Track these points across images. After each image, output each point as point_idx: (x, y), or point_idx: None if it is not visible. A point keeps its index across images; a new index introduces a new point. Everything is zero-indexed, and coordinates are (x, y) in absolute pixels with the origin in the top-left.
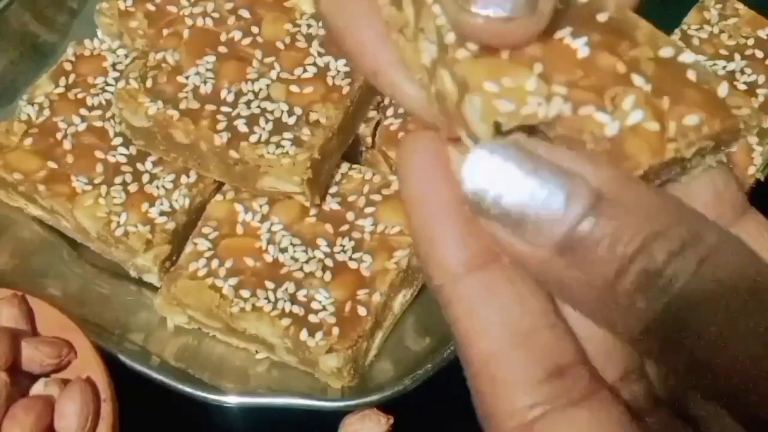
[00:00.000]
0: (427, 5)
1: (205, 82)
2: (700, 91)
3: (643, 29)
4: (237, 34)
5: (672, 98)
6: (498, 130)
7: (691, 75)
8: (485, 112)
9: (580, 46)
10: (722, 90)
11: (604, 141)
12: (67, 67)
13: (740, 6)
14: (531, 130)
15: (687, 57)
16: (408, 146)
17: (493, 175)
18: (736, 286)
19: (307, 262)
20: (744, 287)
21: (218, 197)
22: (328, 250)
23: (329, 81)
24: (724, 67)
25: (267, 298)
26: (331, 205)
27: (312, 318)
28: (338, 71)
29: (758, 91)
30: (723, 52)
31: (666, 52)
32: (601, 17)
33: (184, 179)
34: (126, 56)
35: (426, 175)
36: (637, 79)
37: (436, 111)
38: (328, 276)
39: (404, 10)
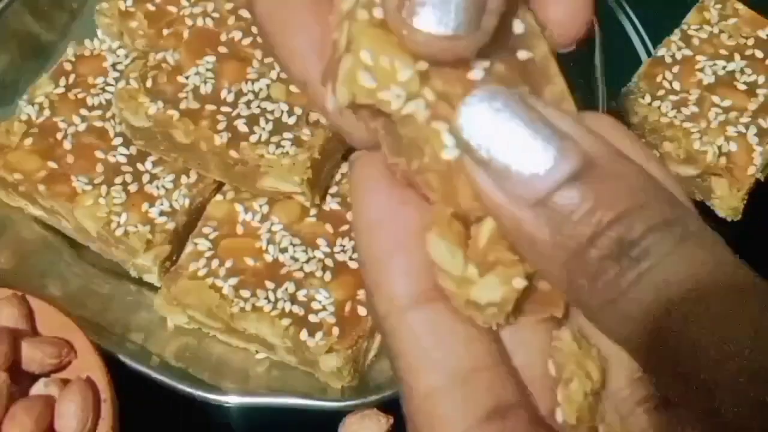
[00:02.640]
0: None
1: (205, 82)
2: None
3: (555, 87)
4: (237, 34)
5: None
6: (354, 100)
7: None
8: (348, 77)
9: (477, 68)
10: None
11: (440, 162)
12: (67, 67)
13: (740, 6)
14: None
15: None
16: (361, 171)
17: (489, 119)
18: (713, 277)
19: (307, 262)
20: (721, 280)
21: (218, 197)
22: (328, 250)
23: None
24: (724, 67)
25: (267, 298)
26: (331, 205)
27: (312, 318)
28: None
29: (758, 91)
30: (723, 52)
31: None
32: (522, 55)
33: (184, 179)
34: (126, 56)
35: (382, 204)
36: None
37: (325, 59)
38: (328, 276)
39: None
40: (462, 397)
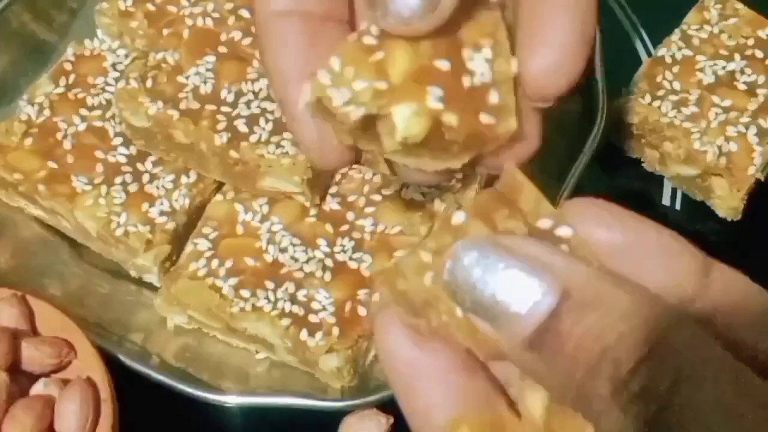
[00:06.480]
0: None
1: (205, 82)
2: None
3: (529, 194)
4: (237, 34)
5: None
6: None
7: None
8: (314, 81)
9: (459, 213)
10: None
11: (457, 317)
12: (67, 67)
13: (740, 6)
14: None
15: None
16: (384, 328)
17: (471, 269)
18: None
19: (307, 262)
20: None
21: (218, 197)
22: (328, 250)
23: None
24: (724, 67)
25: (267, 298)
26: (331, 205)
27: (312, 318)
28: None
29: (758, 91)
30: (723, 52)
31: (544, 223)
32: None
33: (184, 179)
34: (126, 56)
35: (406, 349)
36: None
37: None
38: (328, 276)
39: None
40: None
